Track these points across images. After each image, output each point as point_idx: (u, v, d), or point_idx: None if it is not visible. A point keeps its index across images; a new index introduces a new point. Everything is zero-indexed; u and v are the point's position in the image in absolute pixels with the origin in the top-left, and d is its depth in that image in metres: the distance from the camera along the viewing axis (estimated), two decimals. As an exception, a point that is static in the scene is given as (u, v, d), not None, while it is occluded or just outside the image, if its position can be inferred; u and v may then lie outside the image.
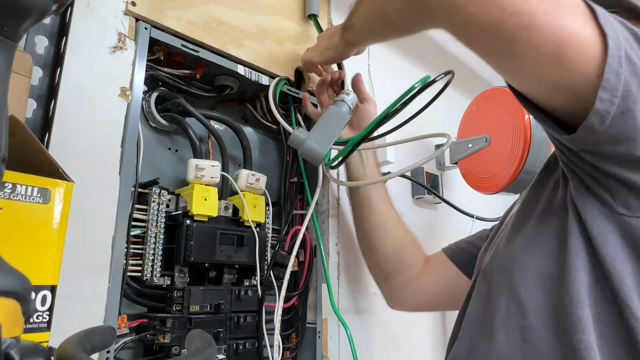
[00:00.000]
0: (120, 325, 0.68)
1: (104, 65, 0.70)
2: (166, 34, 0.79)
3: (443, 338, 1.36)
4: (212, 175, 0.78)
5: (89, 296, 0.63)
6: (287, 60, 1.00)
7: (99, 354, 0.63)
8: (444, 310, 1.31)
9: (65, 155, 0.63)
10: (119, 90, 0.71)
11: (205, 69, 0.87)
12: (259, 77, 0.93)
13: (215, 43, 0.85)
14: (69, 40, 0.67)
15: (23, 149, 0.49)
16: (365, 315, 1.10)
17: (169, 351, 0.71)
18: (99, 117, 0.68)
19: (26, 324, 0.46)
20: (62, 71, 0.65)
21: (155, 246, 0.74)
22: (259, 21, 0.95)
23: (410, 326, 1.25)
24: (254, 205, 0.86)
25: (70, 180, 0.51)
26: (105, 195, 0.67)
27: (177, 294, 0.75)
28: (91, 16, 0.70)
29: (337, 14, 1.19)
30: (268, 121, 1.02)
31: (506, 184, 1.17)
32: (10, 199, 0.46)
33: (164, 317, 0.73)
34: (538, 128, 1.13)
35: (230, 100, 0.99)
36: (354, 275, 1.09)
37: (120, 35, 0.72)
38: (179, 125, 0.84)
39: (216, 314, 0.78)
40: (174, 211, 0.79)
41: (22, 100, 0.58)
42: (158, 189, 0.76)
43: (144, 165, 0.77)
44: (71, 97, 0.66)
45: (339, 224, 1.06)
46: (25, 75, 0.59)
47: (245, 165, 0.91)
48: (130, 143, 0.71)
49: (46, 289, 0.48)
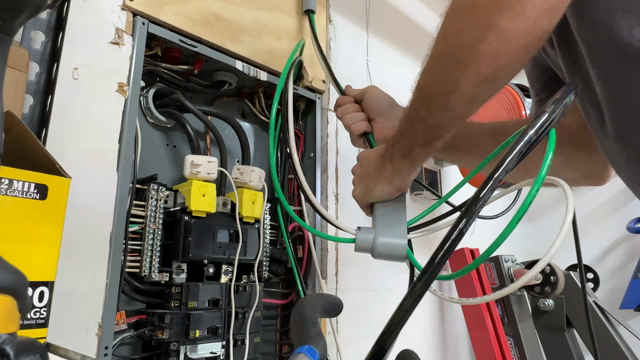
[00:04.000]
0: (118, 321, 0.68)
1: (101, 61, 0.70)
2: (164, 29, 0.78)
3: (442, 333, 1.37)
4: (209, 171, 0.78)
5: (87, 292, 0.63)
6: (285, 56, 0.99)
7: (97, 351, 0.63)
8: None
9: (63, 151, 0.63)
10: (117, 86, 0.71)
11: (203, 64, 0.87)
12: (258, 73, 0.93)
13: (214, 38, 0.84)
14: (66, 35, 0.66)
15: (20, 144, 0.49)
16: (364, 310, 1.10)
17: (168, 347, 0.71)
18: (97, 113, 0.68)
19: (23, 320, 0.45)
20: (59, 66, 0.65)
21: (153, 242, 0.74)
22: (257, 16, 0.95)
23: (410, 322, 1.25)
24: (252, 201, 0.86)
25: (68, 176, 0.51)
26: (103, 191, 0.67)
27: (175, 290, 0.75)
28: (88, 11, 0.69)
29: (336, 10, 1.18)
30: (266, 117, 1.02)
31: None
32: (7, 195, 0.46)
33: (162, 313, 0.73)
34: (537, 124, 1.13)
35: (229, 96, 0.99)
36: (353, 271, 1.09)
37: (117, 30, 0.72)
38: (177, 121, 0.84)
39: (214, 310, 0.78)
40: (172, 207, 0.79)
41: (18, 95, 0.58)
42: (156, 185, 0.75)
43: (142, 161, 0.77)
44: (68, 92, 0.65)
45: (337, 219, 1.06)
46: (21, 71, 0.58)
47: (244, 161, 0.91)
48: (128, 139, 0.70)
49: (43, 285, 0.47)
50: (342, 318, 1.03)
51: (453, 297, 0.66)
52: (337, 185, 1.09)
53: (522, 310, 1.35)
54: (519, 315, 1.32)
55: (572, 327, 1.35)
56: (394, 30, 1.26)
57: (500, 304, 1.35)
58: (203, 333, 0.74)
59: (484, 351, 1.23)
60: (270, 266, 0.91)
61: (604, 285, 1.64)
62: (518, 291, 1.36)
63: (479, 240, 1.57)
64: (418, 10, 1.53)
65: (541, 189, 0.43)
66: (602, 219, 1.79)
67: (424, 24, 1.55)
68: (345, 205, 1.10)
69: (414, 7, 1.52)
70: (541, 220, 1.94)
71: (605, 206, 1.80)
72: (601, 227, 1.78)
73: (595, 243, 1.74)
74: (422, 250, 1.36)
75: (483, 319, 1.25)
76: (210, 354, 0.75)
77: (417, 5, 1.54)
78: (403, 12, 1.45)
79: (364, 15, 1.29)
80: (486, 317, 1.25)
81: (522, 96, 1.15)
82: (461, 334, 1.44)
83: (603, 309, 1.31)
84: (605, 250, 1.74)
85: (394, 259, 0.60)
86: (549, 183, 0.45)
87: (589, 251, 1.61)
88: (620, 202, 1.77)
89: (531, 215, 1.97)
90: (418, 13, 1.52)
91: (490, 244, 0.43)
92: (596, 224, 1.80)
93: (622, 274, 1.66)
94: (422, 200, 1.38)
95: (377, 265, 1.17)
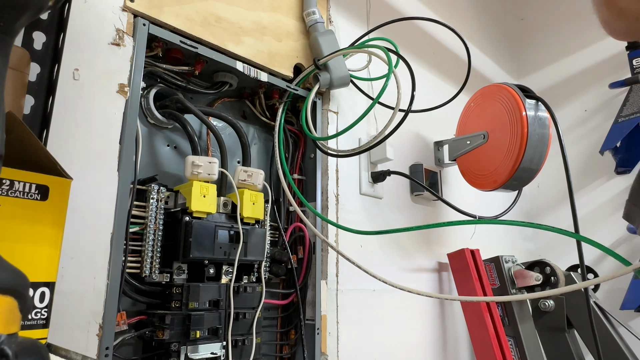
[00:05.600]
0: (119, 322, 0.68)
1: (102, 62, 0.70)
2: (165, 30, 0.78)
3: (442, 334, 1.37)
4: (210, 171, 0.78)
5: (88, 293, 0.63)
6: (286, 57, 1.00)
7: (98, 351, 0.63)
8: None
9: (63, 152, 0.63)
10: (117, 87, 0.71)
11: (204, 65, 0.87)
12: (258, 74, 0.93)
13: (214, 39, 0.85)
14: (67, 36, 0.66)
15: (21, 145, 0.49)
16: (364, 311, 1.10)
17: (168, 347, 0.71)
18: (97, 114, 0.68)
19: (24, 321, 0.46)
20: (59, 67, 0.65)
21: (154, 243, 0.74)
22: (258, 17, 0.95)
23: (411, 322, 1.25)
24: (253, 202, 0.86)
25: (69, 177, 0.51)
26: (104, 192, 0.67)
27: (176, 291, 0.75)
28: (89, 12, 0.69)
29: (336, 10, 1.18)
30: (267, 118, 1.02)
31: (504, 181, 1.17)
32: (8, 196, 0.46)
33: (163, 313, 0.73)
34: (535, 125, 1.13)
35: (229, 97, 0.99)
36: (353, 272, 1.09)
37: (118, 31, 0.72)
38: (178, 121, 0.84)
39: (215, 311, 0.78)
40: (172, 208, 0.79)
41: (19, 96, 0.58)
42: (157, 186, 0.75)
43: (143, 162, 0.77)
44: (69, 93, 0.65)
45: (337, 221, 1.06)
46: (22, 71, 0.58)
47: (244, 162, 0.91)
48: (129, 140, 0.71)
49: (44, 285, 0.48)
50: (342, 318, 1.03)
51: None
52: (337, 186, 1.09)
53: (523, 310, 1.35)
54: (520, 316, 1.32)
55: (573, 328, 1.35)
56: (394, 30, 1.26)
57: (500, 305, 1.35)
58: (204, 334, 0.74)
59: (485, 352, 1.23)
60: (270, 267, 0.91)
61: (604, 286, 1.64)
62: (518, 292, 1.36)
63: (479, 240, 1.57)
64: (418, 10, 1.53)
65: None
66: (602, 219, 1.79)
67: (424, 25, 1.55)
68: (345, 206, 1.10)
69: (414, 8, 1.52)
70: (541, 221, 1.94)
71: (605, 206, 1.80)
72: (601, 227, 1.78)
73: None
74: (423, 249, 1.36)
75: (483, 319, 1.25)
76: (211, 354, 0.75)
77: (418, 6, 1.54)
78: (403, 12, 1.45)
79: (364, 15, 1.29)
80: (486, 318, 1.25)
81: (523, 96, 1.15)
82: (461, 334, 1.44)
83: (604, 310, 1.31)
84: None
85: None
86: None
87: (589, 252, 1.61)
88: (621, 203, 1.76)
89: (531, 215, 1.97)
90: (418, 13, 1.52)
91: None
92: (596, 224, 1.80)
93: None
94: (422, 200, 1.39)
95: (378, 266, 1.17)
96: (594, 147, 1.81)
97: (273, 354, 0.95)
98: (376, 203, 1.21)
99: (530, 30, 2.17)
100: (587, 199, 1.83)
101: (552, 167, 1.34)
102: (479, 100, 1.29)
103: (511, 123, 1.15)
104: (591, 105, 1.90)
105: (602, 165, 1.80)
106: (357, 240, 1.11)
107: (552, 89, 2.02)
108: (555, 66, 2.05)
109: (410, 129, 1.40)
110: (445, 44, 1.62)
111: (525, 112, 1.13)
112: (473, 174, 1.27)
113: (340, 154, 1.01)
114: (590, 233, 1.77)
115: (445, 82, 1.58)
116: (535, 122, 1.14)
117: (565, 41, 2.03)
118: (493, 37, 2.06)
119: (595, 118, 1.88)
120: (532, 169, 1.16)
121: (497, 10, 2.15)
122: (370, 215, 1.18)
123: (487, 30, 2.02)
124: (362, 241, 1.12)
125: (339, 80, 1.01)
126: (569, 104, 1.96)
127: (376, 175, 1.18)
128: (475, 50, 1.85)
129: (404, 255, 1.28)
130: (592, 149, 1.83)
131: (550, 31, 2.10)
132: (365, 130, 1.20)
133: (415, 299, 1.29)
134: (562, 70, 2.02)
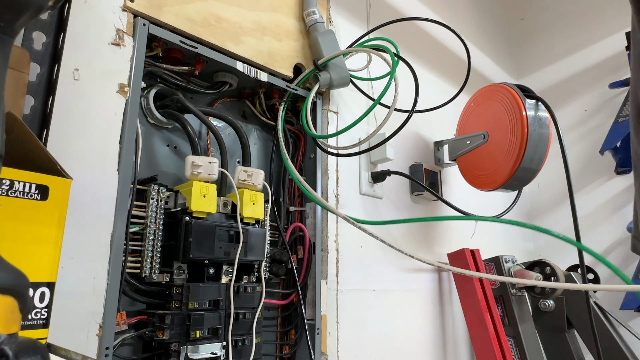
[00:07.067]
0: (119, 322, 0.68)
1: (102, 62, 0.70)
2: (165, 30, 0.78)
3: (442, 334, 1.37)
4: (210, 171, 0.78)
5: (88, 293, 0.63)
6: (286, 57, 1.00)
7: (98, 351, 0.63)
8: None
9: (63, 152, 0.63)
10: (117, 87, 0.71)
11: (204, 65, 0.87)
12: (258, 74, 0.93)
13: (214, 39, 0.85)
14: (67, 36, 0.66)
15: (21, 145, 0.49)
16: (364, 311, 1.10)
17: (168, 348, 0.71)
18: (97, 114, 0.68)
19: (24, 321, 0.46)
20: (59, 67, 0.65)
21: (154, 243, 0.74)
22: (258, 17, 0.95)
23: (410, 322, 1.25)
24: (253, 202, 0.86)
25: (69, 177, 0.51)
26: (104, 192, 0.67)
27: (176, 291, 0.75)
28: (89, 12, 0.69)
29: (336, 10, 1.18)
30: (267, 118, 1.02)
31: (504, 181, 1.17)
32: (8, 196, 0.46)
33: (163, 313, 0.73)
34: (535, 125, 1.13)
35: (229, 97, 0.99)
36: (353, 272, 1.09)
37: (118, 31, 0.72)
38: (178, 121, 0.84)
39: (215, 311, 0.78)
40: (172, 208, 0.79)
41: (19, 96, 0.58)
42: (157, 186, 0.75)
43: (143, 162, 0.77)
44: (69, 93, 0.65)
45: (337, 220, 1.06)
46: (22, 71, 0.58)
47: (244, 162, 0.91)
48: (129, 140, 0.71)
49: (44, 285, 0.48)
50: (342, 318, 1.03)
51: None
52: (337, 186, 1.09)
53: (523, 310, 1.35)
54: (520, 316, 1.32)
55: (573, 328, 1.35)
56: (394, 30, 1.26)
57: (500, 304, 1.35)
58: (204, 334, 0.74)
59: (484, 351, 1.23)
60: (270, 267, 0.91)
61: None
62: (518, 291, 1.36)
63: (479, 240, 1.57)
64: (418, 10, 1.53)
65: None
66: (602, 219, 1.79)
67: (424, 25, 1.55)
68: (345, 206, 1.10)
69: (414, 8, 1.52)
70: (541, 221, 1.94)
71: (605, 206, 1.80)
72: (601, 227, 1.78)
73: (595, 243, 1.74)
74: (422, 249, 1.36)
75: (483, 319, 1.25)
76: (211, 354, 0.75)
77: (418, 6, 1.54)
78: (403, 12, 1.45)
79: (364, 15, 1.29)
80: (486, 318, 1.25)
81: (523, 96, 1.15)
82: (461, 334, 1.44)
83: (604, 310, 1.31)
84: (606, 251, 1.74)
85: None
86: None
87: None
88: (621, 203, 1.77)
89: (531, 215, 1.97)
90: (418, 13, 1.52)
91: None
92: (596, 224, 1.80)
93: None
94: (422, 200, 1.39)
95: (378, 266, 1.17)
96: (594, 147, 1.81)
97: (273, 354, 0.95)
98: (376, 203, 1.21)
99: (530, 30, 2.17)
100: (587, 198, 1.83)
101: (552, 167, 1.35)
102: (479, 100, 1.29)
103: (511, 123, 1.15)
104: (591, 105, 1.91)
105: (602, 165, 1.80)
106: (357, 240, 1.11)
107: (552, 89, 2.02)
108: (555, 66, 2.05)
109: (410, 129, 1.40)
110: (445, 44, 1.62)
111: (525, 112, 1.13)
112: (473, 174, 1.27)
113: (340, 153, 1.01)
114: (590, 233, 1.78)
115: (445, 82, 1.58)
116: (535, 122, 1.14)
117: (565, 41, 2.03)
118: (493, 37, 2.06)
119: (595, 118, 1.88)
120: (532, 169, 1.16)
121: (497, 10, 2.15)
122: (371, 215, 1.18)
123: (487, 30, 2.02)
124: (362, 241, 1.13)
125: (339, 80, 1.01)
126: (569, 104, 1.96)
127: (376, 175, 1.18)
128: (475, 51, 1.85)
129: (404, 255, 1.27)
130: (592, 149, 1.83)
131: (550, 31, 2.10)
132: (365, 131, 1.20)
133: (415, 299, 1.29)
134: (562, 70, 2.02)
